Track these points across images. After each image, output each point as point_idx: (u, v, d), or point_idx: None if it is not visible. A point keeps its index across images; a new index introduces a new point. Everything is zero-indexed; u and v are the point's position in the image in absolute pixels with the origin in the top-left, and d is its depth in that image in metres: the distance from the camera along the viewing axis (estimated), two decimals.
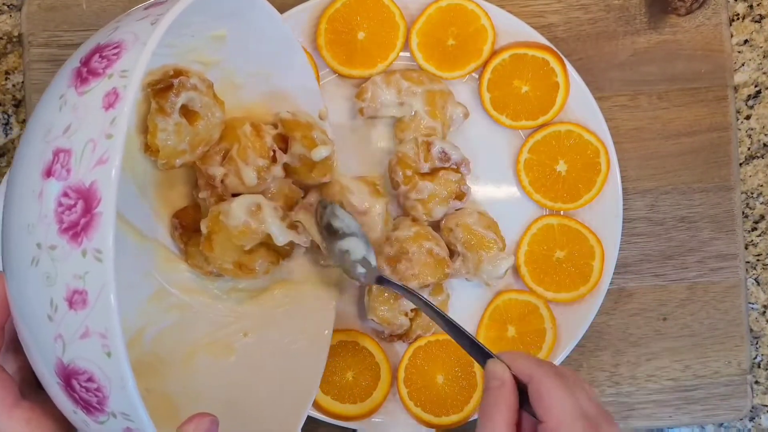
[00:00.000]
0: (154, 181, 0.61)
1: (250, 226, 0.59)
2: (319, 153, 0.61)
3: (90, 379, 0.38)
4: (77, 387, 0.39)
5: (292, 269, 0.66)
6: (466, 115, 0.67)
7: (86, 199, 0.38)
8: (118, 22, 0.46)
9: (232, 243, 0.59)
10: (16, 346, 0.44)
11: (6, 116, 0.70)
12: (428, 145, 0.65)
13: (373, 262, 0.61)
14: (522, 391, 0.46)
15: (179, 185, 0.63)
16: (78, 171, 0.38)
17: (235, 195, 0.60)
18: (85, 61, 0.42)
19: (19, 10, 0.69)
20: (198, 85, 0.58)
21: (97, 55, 0.42)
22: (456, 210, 0.67)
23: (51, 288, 0.38)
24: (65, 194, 0.38)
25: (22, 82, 0.69)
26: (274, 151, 0.61)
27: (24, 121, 0.70)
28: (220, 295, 0.64)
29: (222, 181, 0.59)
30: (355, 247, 0.61)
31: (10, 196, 0.41)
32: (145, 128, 0.57)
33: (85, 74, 0.41)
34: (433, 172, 0.65)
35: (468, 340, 0.50)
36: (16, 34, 0.70)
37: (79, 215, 0.38)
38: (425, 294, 0.64)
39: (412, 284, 0.62)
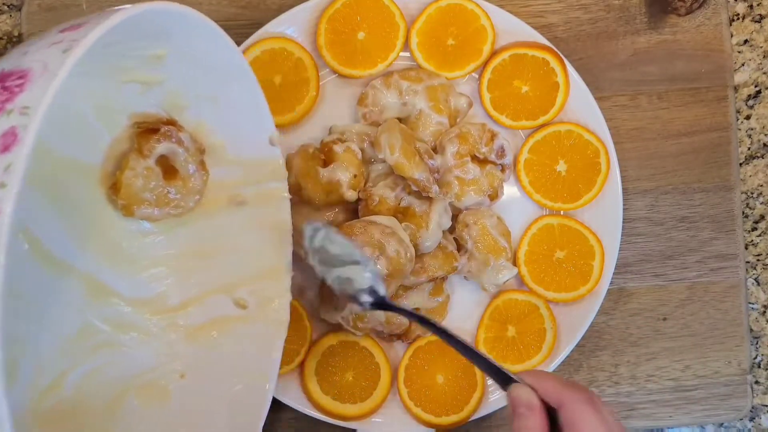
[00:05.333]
0: (92, 210, 0.56)
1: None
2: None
3: None
4: None
5: (236, 302, 0.60)
6: (470, 104, 0.67)
7: None
8: (29, 45, 0.41)
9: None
10: None
11: None
12: (493, 135, 0.66)
13: (382, 292, 0.55)
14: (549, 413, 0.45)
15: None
16: None
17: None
18: None
19: (19, 10, 0.69)
20: (186, 142, 0.56)
21: None
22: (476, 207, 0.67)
23: None
24: None
25: None
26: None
27: None
28: (156, 332, 0.59)
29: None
30: (357, 276, 0.54)
31: None
32: (120, 166, 0.55)
33: None
34: (481, 162, 0.65)
35: (486, 363, 0.48)
36: (16, 34, 0.70)
37: None
38: (426, 291, 0.64)
39: (422, 277, 0.63)
